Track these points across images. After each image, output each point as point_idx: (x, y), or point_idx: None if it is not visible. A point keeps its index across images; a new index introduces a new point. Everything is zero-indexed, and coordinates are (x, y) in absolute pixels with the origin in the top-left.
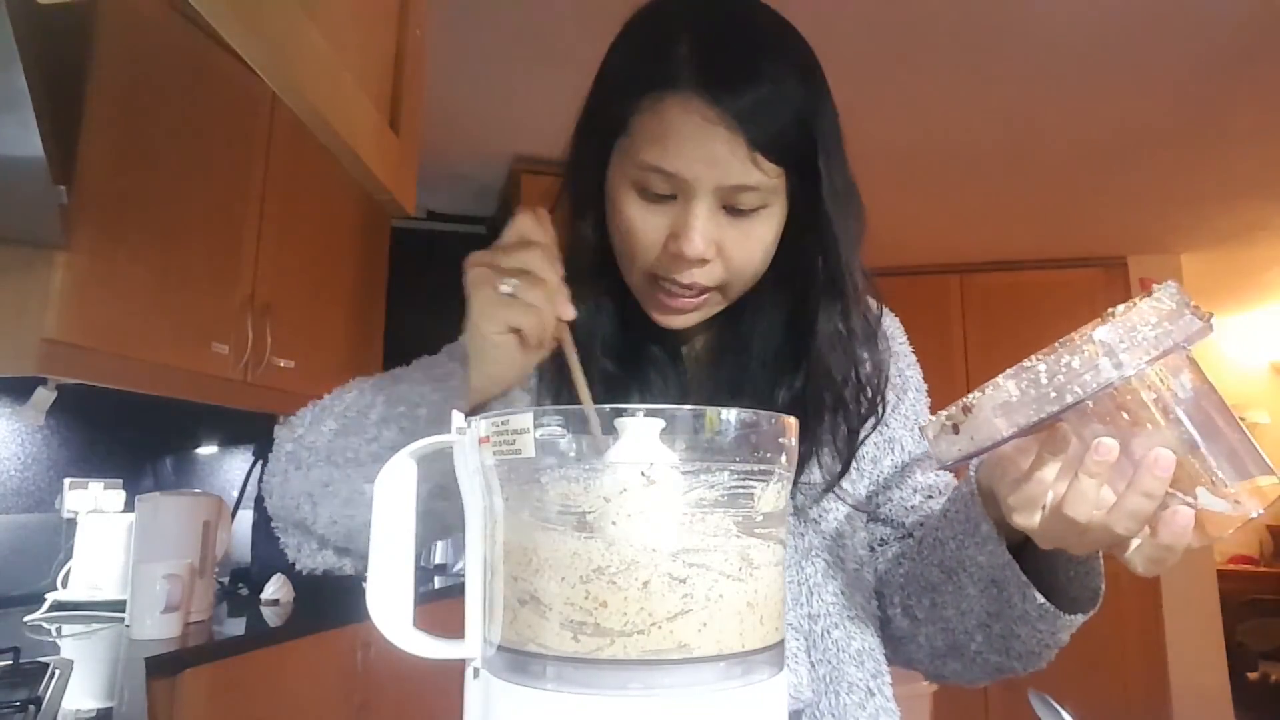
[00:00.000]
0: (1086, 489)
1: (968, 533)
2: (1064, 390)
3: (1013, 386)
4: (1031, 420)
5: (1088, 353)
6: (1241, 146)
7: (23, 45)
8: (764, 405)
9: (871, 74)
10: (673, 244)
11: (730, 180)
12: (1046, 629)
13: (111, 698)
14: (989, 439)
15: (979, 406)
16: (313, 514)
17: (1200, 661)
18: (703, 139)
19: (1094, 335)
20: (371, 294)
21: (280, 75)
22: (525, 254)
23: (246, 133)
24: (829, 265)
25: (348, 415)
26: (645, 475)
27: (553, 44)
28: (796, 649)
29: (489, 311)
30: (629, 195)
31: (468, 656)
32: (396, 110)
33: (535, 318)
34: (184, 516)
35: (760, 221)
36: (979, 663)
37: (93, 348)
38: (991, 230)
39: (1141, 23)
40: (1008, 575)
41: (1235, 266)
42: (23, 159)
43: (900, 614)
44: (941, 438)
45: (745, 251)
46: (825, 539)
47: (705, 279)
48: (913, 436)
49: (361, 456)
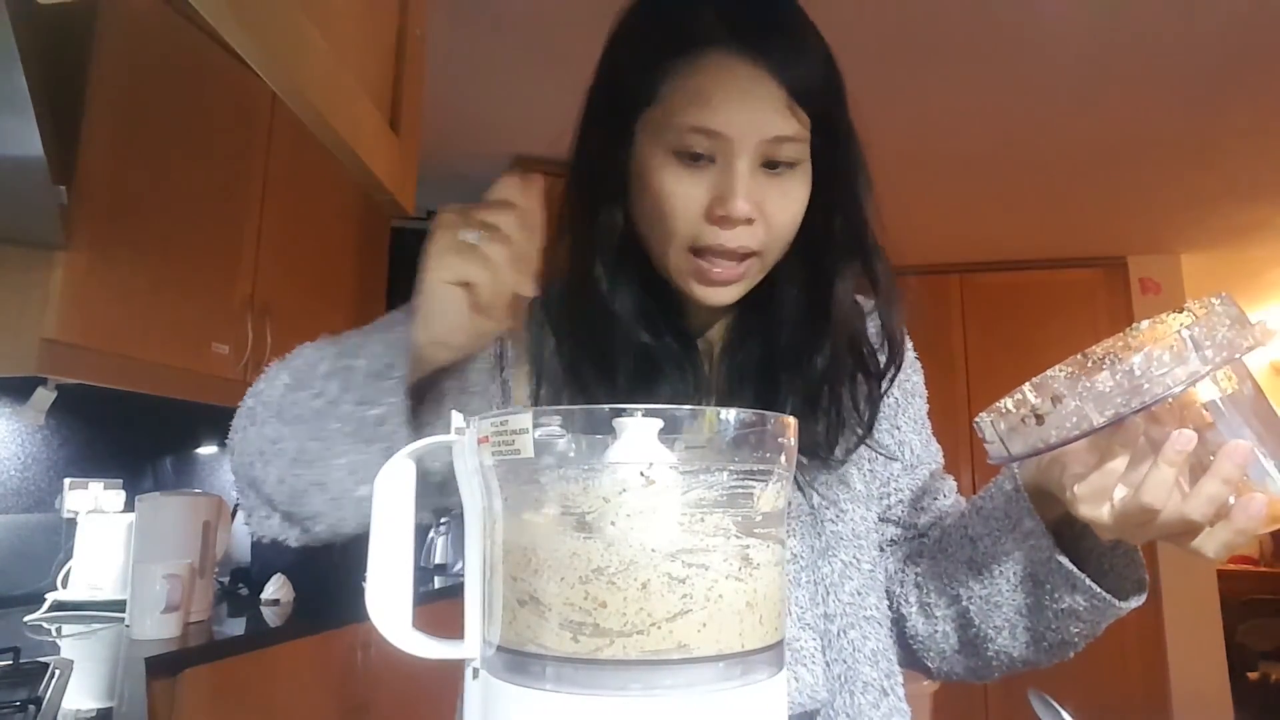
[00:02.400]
0: (1166, 476)
1: (1006, 528)
2: (1156, 382)
3: (1106, 377)
4: (1124, 411)
5: (1176, 348)
6: (1241, 146)
7: (23, 45)
8: (794, 383)
9: (872, 75)
10: (719, 206)
11: (772, 132)
12: (1093, 620)
13: (111, 698)
14: (1077, 430)
15: (1068, 397)
16: (263, 472)
17: (1200, 661)
18: (745, 92)
19: (1181, 332)
20: (371, 294)
21: (280, 75)
22: (499, 212)
23: (246, 133)
24: (850, 222)
25: (300, 370)
26: (644, 475)
27: (553, 44)
28: (813, 649)
29: (442, 257)
30: (665, 165)
31: (467, 657)
32: (396, 110)
33: (491, 274)
34: (184, 516)
35: (796, 178)
36: (996, 658)
37: (93, 348)
38: (991, 230)
39: (1141, 24)
40: (1052, 569)
41: (1235, 266)
42: (23, 159)
43: (916, 612)
44: (1017, 430)
45: (785, 211)
46: (842, 539)
47: (750, 241)
48: (920, 439)
49: (306, 413)
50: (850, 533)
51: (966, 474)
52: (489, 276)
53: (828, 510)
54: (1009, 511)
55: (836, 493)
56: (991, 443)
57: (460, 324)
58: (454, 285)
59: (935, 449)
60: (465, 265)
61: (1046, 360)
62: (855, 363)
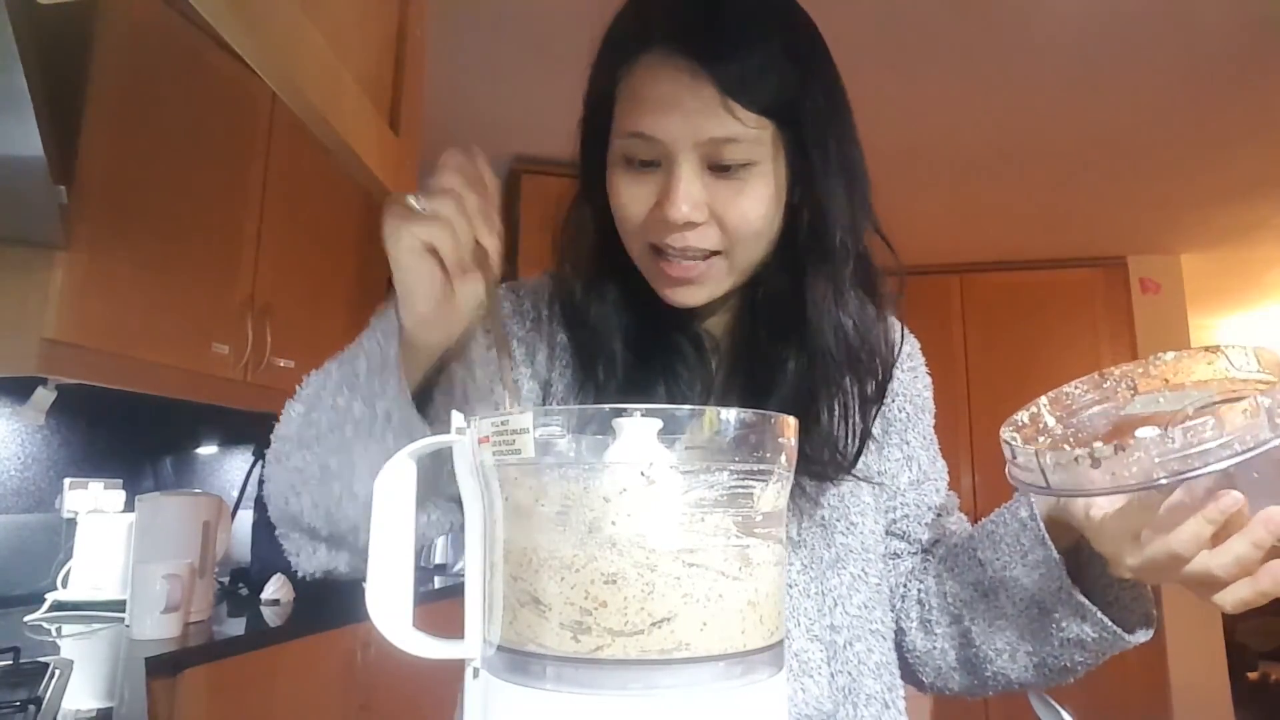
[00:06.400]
0: (1202, 532)
1: (1017, 555)
2: (1225, 446)
3: (1179, 435)
4: (1187, 473)
5: (1249, 411)
6: (1241, 146)
7: (23, 45)
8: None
9: (872, 75)
10: (658, 210)
11: (707, 133)
12: (1098, 650)
13: (111, 698)
14: (1134, 480)
15: (1134, 448)
16: (298, 504)
17: (1200, 661)
18: (673, 93)
19: (1257, 399)
20: (371, 294)
21: (280, 75)
22: (441, 174)
23: (246, 133)
24: (815, 223)
25: (311, 394)
26: (645, 475)
27: (552, 44)
28: (819, 660)
29: (397, 228)
30: (617, 169)
31: (467, 657)
32: (396, 110)
33: (448, 232)
34: (184, 516)
35: (752, 180)
36: (994, 679)
37: (93, 348)
38: (991, 230)
39: (1141, 23)
40: (1061, 599)
41: (1235, 266)
42: (23, 159)
43: (916, 627)
44: (1067, 467)
45: (738, 211)
46: (851, 551)
47: (700, 242)
48: (928, 454)
49: (321, 430)
50: (860, 545)
51: (967, 475)
52: (447, 234)
53: (839, 523)
54: (1021, 538)
55: (848, 505)
56: (1028, 470)
57: (435, 293)
58: (419, 253)
59: (941, 465)
60: (419, 228)
61: (1046, 360)
62: (849, 369)
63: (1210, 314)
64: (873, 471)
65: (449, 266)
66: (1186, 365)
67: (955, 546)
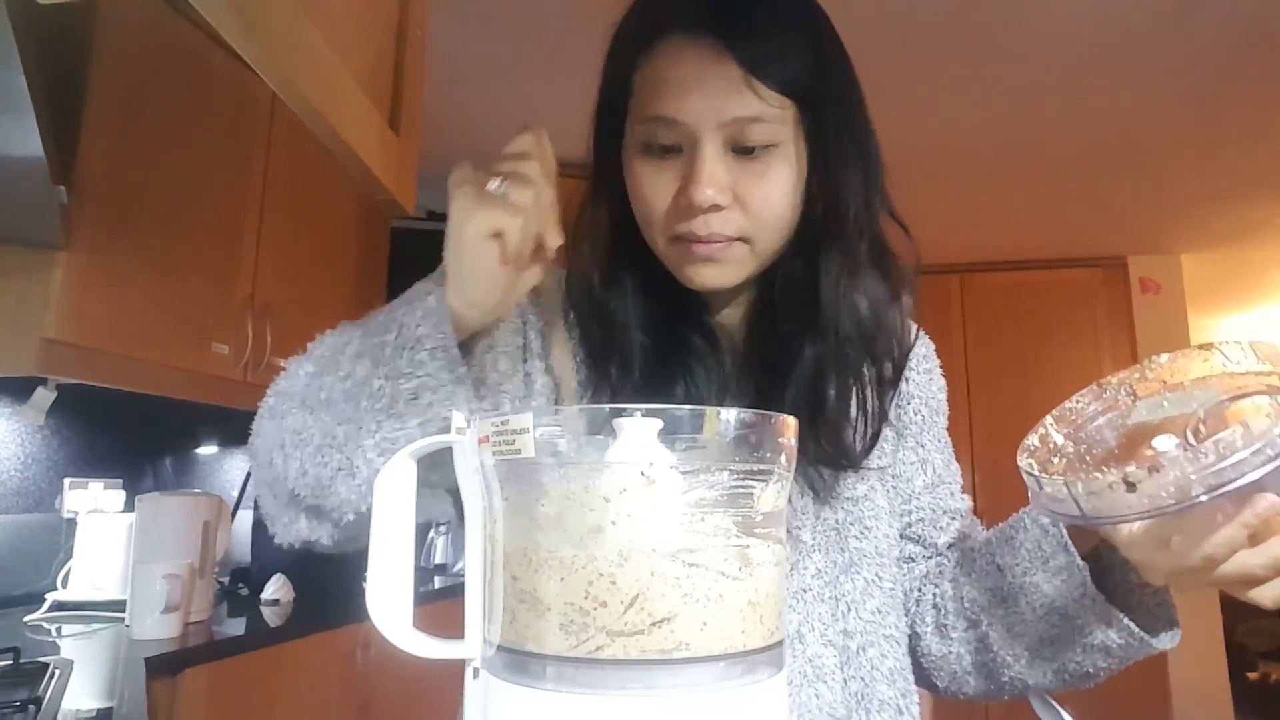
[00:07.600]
0: (1238, 536)
1: (1038, 561)
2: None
3: (1211, 448)
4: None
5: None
6: (1241, 146)
7: (23, 45)
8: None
9: (872, 76)
10: (682, 195)
11: (730, 113)
12: (1122, 656)
13: (111, 698)
14: (1172, 500)
15: (1168, 468)
16: (283, 466)
17: (1200, 661)
18: (696, 74)
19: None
20: (371, 294)
21: (280, 75)
22: (520, 162)
23: (246, 133)
24: (830, 203)
25: (324, 355)
26: (645, 475)
27: (553, 45)
28: (833, 665)
29: (470, 210)
30: (636, 159)
31: (467, 656)
32: (396, 110)
33: (520, 220)
34: (184, 516)
35: (774, 161)
36: (1010, 683)
37: (93, 348)
38: (991, 230)
39: (1141, 23)
40: (1085, 605)
41: (1235, 266)
42: (23, 159)
43: (931, 632)
44: (1101, 494)
45: (762, 194)
46: (865, 556)
47: (724, 228)
48: (943, 458)
49: (334, 396)
50: (874, 550)
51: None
52: (518, 223)
53: (852, 526)
54: (1042, 544)
55: (862, 509)
56: (1058, 500)
57: (494, 280)
58: (485, 238)
59: (955, 468)
60: (493, 214)
61: (1046, 360)
62: (864, 349)
63: (1210, 314)
64: (887, 474)
65: (511, 256)
66: (1182, 365)
67: (972, 551)
